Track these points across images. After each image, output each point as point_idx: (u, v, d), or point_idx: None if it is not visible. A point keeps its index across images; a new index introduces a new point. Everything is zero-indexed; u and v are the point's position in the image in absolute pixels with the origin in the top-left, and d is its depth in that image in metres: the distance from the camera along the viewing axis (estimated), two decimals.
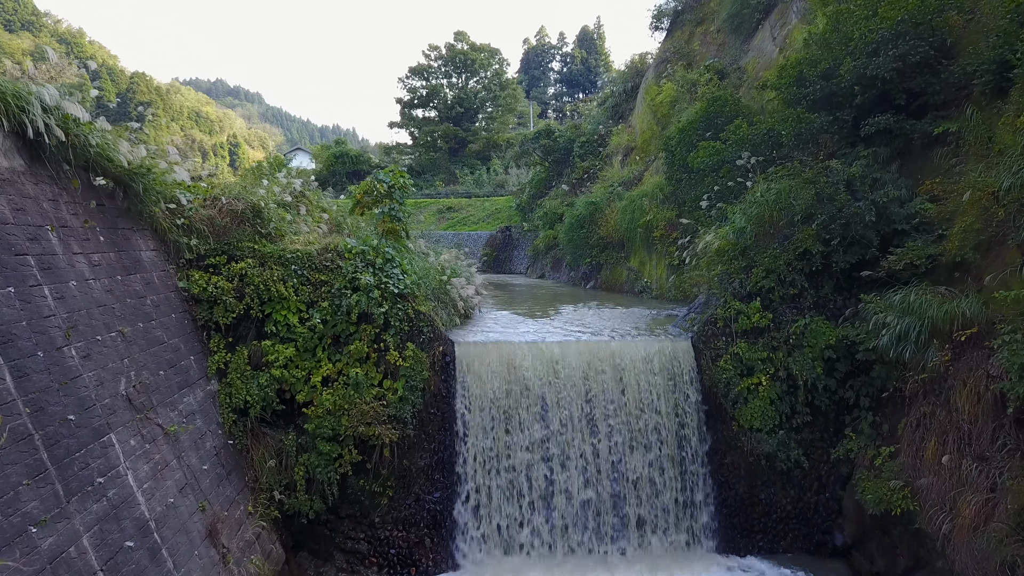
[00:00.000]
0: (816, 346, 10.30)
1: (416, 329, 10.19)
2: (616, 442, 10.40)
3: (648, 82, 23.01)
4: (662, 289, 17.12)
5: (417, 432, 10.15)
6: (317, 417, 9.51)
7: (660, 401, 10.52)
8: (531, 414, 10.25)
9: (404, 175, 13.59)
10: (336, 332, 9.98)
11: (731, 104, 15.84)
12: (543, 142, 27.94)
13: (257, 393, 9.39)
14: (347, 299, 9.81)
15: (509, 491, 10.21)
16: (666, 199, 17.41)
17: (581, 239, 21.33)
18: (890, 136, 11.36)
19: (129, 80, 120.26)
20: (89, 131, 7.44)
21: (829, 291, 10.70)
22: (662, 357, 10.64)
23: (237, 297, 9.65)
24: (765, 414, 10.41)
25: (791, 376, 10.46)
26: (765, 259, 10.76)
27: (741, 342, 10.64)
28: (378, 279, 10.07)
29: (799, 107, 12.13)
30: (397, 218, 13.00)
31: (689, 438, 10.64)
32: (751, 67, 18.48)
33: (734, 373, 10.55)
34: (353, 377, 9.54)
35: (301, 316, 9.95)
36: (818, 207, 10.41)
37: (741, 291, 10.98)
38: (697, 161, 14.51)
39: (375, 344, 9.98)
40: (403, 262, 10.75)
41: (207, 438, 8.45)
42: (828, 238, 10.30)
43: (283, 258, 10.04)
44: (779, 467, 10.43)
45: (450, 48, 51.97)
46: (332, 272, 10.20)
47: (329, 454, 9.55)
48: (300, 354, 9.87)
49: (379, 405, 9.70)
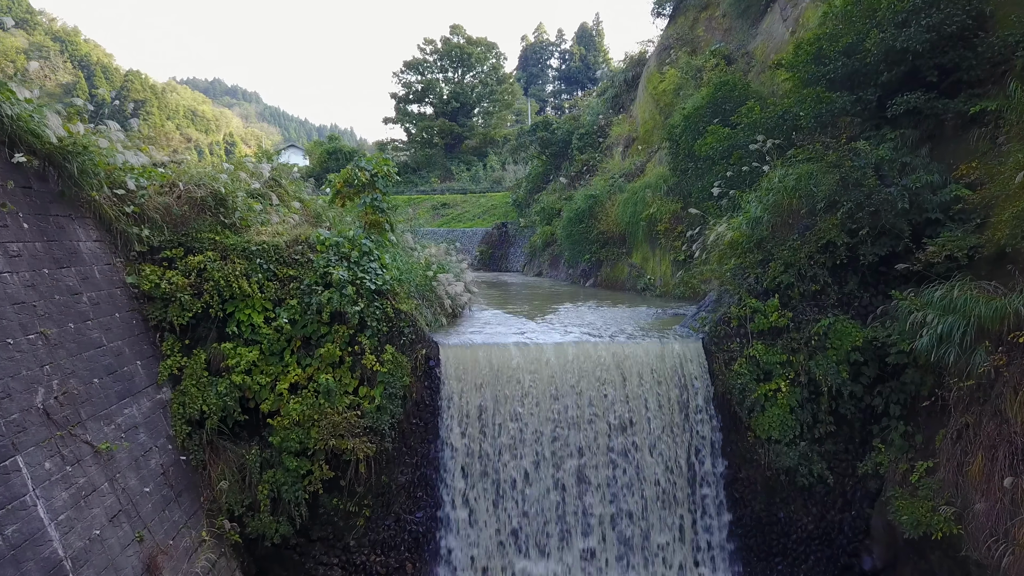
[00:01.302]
0: (841, 348, 9.27)
1: (396, 330, 9.14)
2: (619, 454, 9.35)
3: (650, 70, 21.96)
4: (667, 286, 16.08)
5: (397, 445, 9.10)
6: (283, 429, 8.46)
7: (668, 409, 9.47)
8: (524, 423, 9.20)
9: (388, 162, 12.52)
10: (306, 333, 8.94)
11: (740, 88, 14.82)
12: (540, 135, 26.83)
13: (215, 402, 8.33)
14: (317, 296, 8.76)
15: (499, 511, 9.16)
16: (670, 190, 16.38)
17: (580, 234, 20.28)
18: (919, 117, 10.34)
19: (123, 78, 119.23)
20: (6, 99, 6.39)
21: (854, 287, 9.67)
22: (670, 360, 9.59)
23: (195, 294, 8.61)
24: (784, 423, 9.38)
25: (813, 381, 9.43)
26: (783, 252, 9.73)
27: (757, 344, 9.60)
28: (353, 274, 9.02)
29: (818, 87, 11.08)
30: (380, 209, 11.95)
31: (700, 450, 9.60)
32: (760, 52, 17.44)
33: (750, 378, 9.51)
34: (323, 384, 8.48)
35: (267, 315, 8.91)
36: (843, 194, 9.37)
37: (757, 287, 9.94)
38: (705, 148, 13.47)
39: (350, 347, 8.94)
40: (383, 256, 9.70)
41: (152, 455, 7.39)
42: (855, 228, 9.26)
43: (248, 251, 8.99)
44: (800, 482, 9.40)
45: (446, 42, 50.83)
46: (302, 266, 9.15)
47: (297, 470, 8.49)
48: (266, 358, 8.82)
49: (354, 415, 8.66)
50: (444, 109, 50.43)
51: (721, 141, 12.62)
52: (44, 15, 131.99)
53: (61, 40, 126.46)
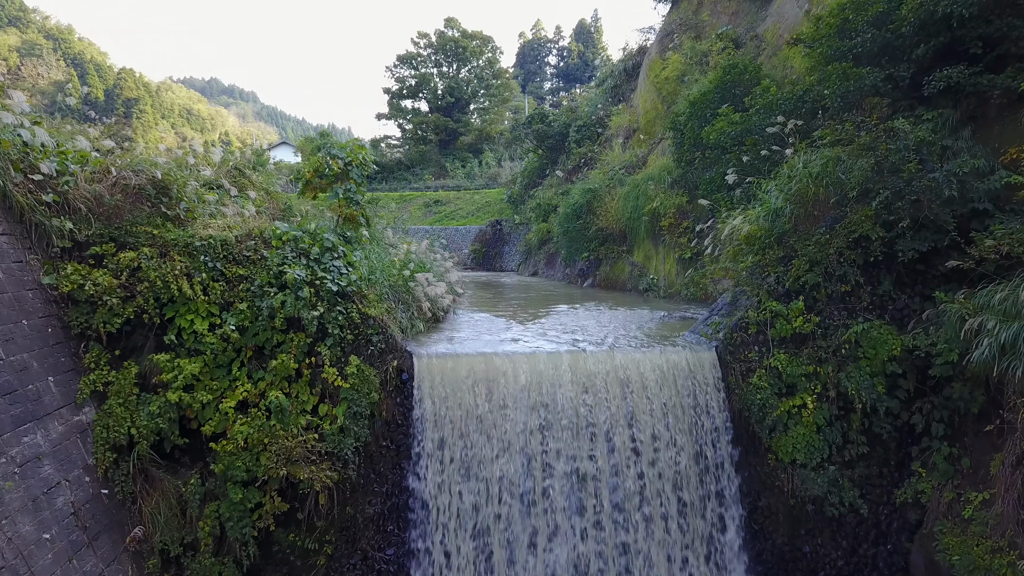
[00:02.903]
0: (876, 358, 8.07)
1: (363, 338, 7.90)
2: (621, 479, 8.12)
3: (651, 58, 20.72)
4: (672, 287, 14.84)
5: (364, 471, 7.86)
6: (227, 455, 7.21)
7: (677, 428, 8.25)
8: (510, 445, 7.96)
9: (364, 149, 11.27)
10: (258, 343, 7.70)
11: (751, 71, 13.59)
12: (536, 127, 25.51)
13: (147, 424, 7.09)
14: (269, 299, 7.51)
15: (482, 545, 7.92)
16: (675, 183, 15.14)
17: (577, 231, 19.02)
18: (959, 95, 9.12)
19: (116, 76, 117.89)
20: None
21: (889, 288, 8.46)
22: (680, 372, 8.37)
23: (126, 297, 7.37)
24: (811, 445, 8.17)
25: (843, 396, 8.23)
26: (809, 248, 8.52)
27: (779, 353, 8.39)
28: (312, 273, 7.78)
29: (844, 63, 9.86)
30: (355, 202, 10.73)
31: (714, 474, 8.37)
32: (770, 34, 16.21)
33: (771, 392, 8.29)
34: (274, 402, 7.24)
35: (213, 322, 7.67)
36: (879, 180, 8.16)
37: (778, 288, 8.72)
38: (713, 135, 12.23)
39: (308, 358, 7.70)
40: (350, 253, 8.47)
41: (60, 492, 6.14)
42: (892, 220, 8.05)
43: (191, 246, 7.74)
44: (829, 512, 8.18)
45: (440, 35, 49.52)
46: (254, 265, 7.91)
47: (244, 503, 7.25)
48: (211, 371, 7.57)
49: (312, 438, 7.42)
50: (438, 104, 49.14)
51: (733, 126, 11.39)
52: (38, 13, 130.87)
53: (54, 38, 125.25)
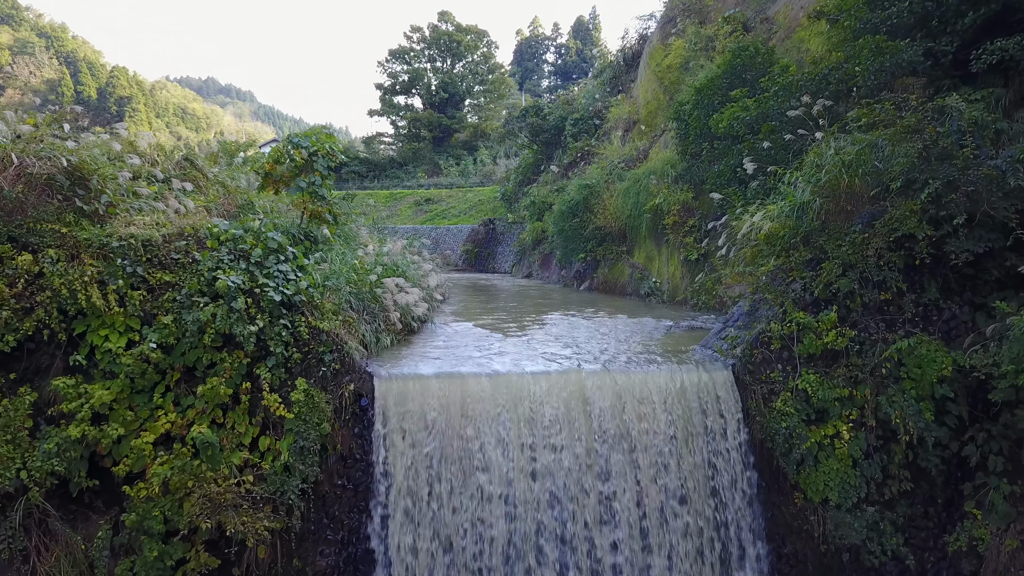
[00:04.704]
0: (923, 379, 6.81)
1: (313, 357, 6.62)
2: (622, 524, 6.85)
3: (652, 45, 19.45)
4: (676, 291, 13.57)
5: (314, 516, 6.58)
6: (143, 502, 5.93)
7: (688, 462, 6.97)
8: (488, 484, 6.68)
9: (332, 138, 9.98)
10: (187, 363, 6.42)
11: (764, 54, 12.31)
12: (531, 120, 24.17)
13: (41, 465, 5.80)
14: (197, 311, 6.23)
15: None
16: (679, 177, 13.87)
17: (573, 230, 17.73)
18: (1012, 71, 7.89)
19: (109, 74, 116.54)
20: None
21: (936, 296, 7.19)
22: (691, 395, 7.09)
23: (24, 309, 6.11)
24: (845, 482, 6.91)
25: (883, 423, 6.96)
26: (842, 249, 7.25)
27: (808, 372, 7.12)
28: (250, 279, 6.49)
29: (877, 36, 8.60)
30: (320, 196, 9.49)
31: (731, 515, 7.10)
32: (782, 16, 14.95)
33: (798, 420, 7.03)
34: (199, 438, 5.95)
35: (132, 338, 6.39)
36: (926, 169, 6.89)
37: (805, 296, 7.46)
38: (723, 124, 10.95)
39: (247, 381, 6.42)
40: (301, 255, 7.19)
41: None
42: (944, 215, 6.78)
43: (107, 247, 6.47)
44: (867, 562, 6.91)
45: (434, 29, 48.15)
46: (183, 269, 6.63)
47: (162, 560, 5.97)
48: (128, 398, 6.29)
49: (249, 478, 6.14)
50: (432, 100, 47.81)
51: (747, 111, 10.11)
52: (31, 11, 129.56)
53: (47, 36, 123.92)
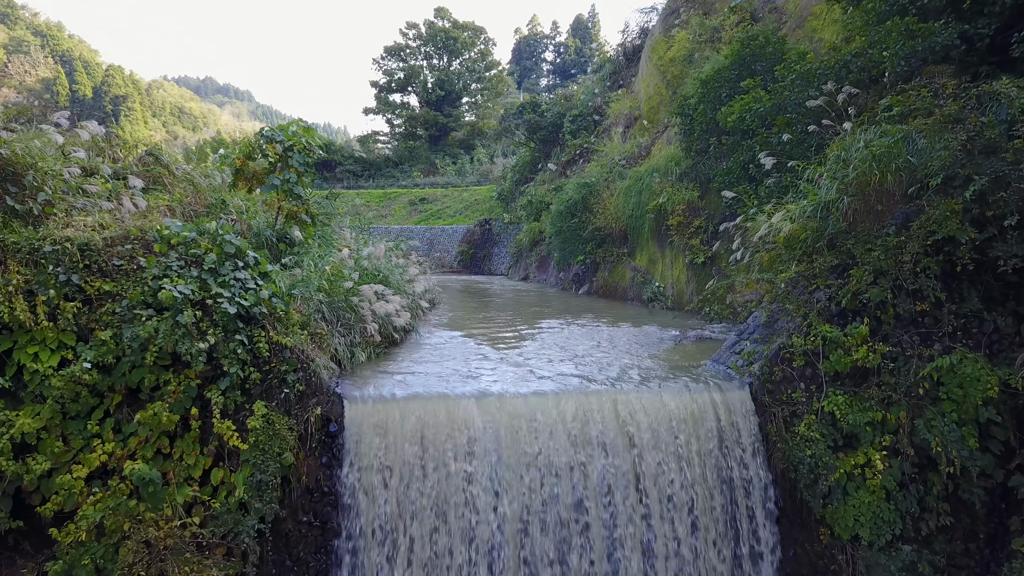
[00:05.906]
0: (965, 401, 6.04)
1: (275, 377, 5.82)
2: (626, 566, 6.05)
3: (654, 38, 18.65)
4: (681, 297, 12.77)
5: (274, 558, 5.77)
6: (71, 547, 5.12)
7: (700, 496, 6.18)
8: (474, 522, 5.89)
9: (310, 132, 9.20)
10: (130, 384, 5.61)
11: (774, 43, 11.52)
12: (528, 117, 23.35)
13: None
14: (137, 326, 5.42)
15: None
16: (684, 175, 13.08)
17: (571, 231, 16.93)
18: None
19: (104, 73, 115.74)
20: None
21: (978, 306, 6.40)
22: (703, 418, 6.29)
23: None
24: (878, 516, 6.12)
25: (920, 450, 6.18)
26: (872, 253, 6.46)
27: (835, 393, 6.33)
28: (202, 289, 5.69)
29: (907, 18, 7.80)
30: (295, 195, 8.75)
31: (747, 554, 6.31)
32: (792, 5, 14.16)
33: (824, 446, 6.24)
34: (135, 474, 5.13)
35: (66, 356, 5.59)
36: (970, 163, 6.11)
37: (831, 307, 6.66)
38: (732, 117, 10.16)
39: (196, 406, 5.61)
40: (264, 261, 6.38)
41: None
42: (991, 216, 6.00)
43: (38, 252, 5.67)
44: None
45: (430, 26, 47.31)
46: (127, 277, 5.82)
47: None
48: (61, 424, 5.49)
49: (196, 520, 5.33)
50: (428, 98, 46.97)
51: (760, 103, 9.31)
52: (26, 9, 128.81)
53: (43, 35, 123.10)
